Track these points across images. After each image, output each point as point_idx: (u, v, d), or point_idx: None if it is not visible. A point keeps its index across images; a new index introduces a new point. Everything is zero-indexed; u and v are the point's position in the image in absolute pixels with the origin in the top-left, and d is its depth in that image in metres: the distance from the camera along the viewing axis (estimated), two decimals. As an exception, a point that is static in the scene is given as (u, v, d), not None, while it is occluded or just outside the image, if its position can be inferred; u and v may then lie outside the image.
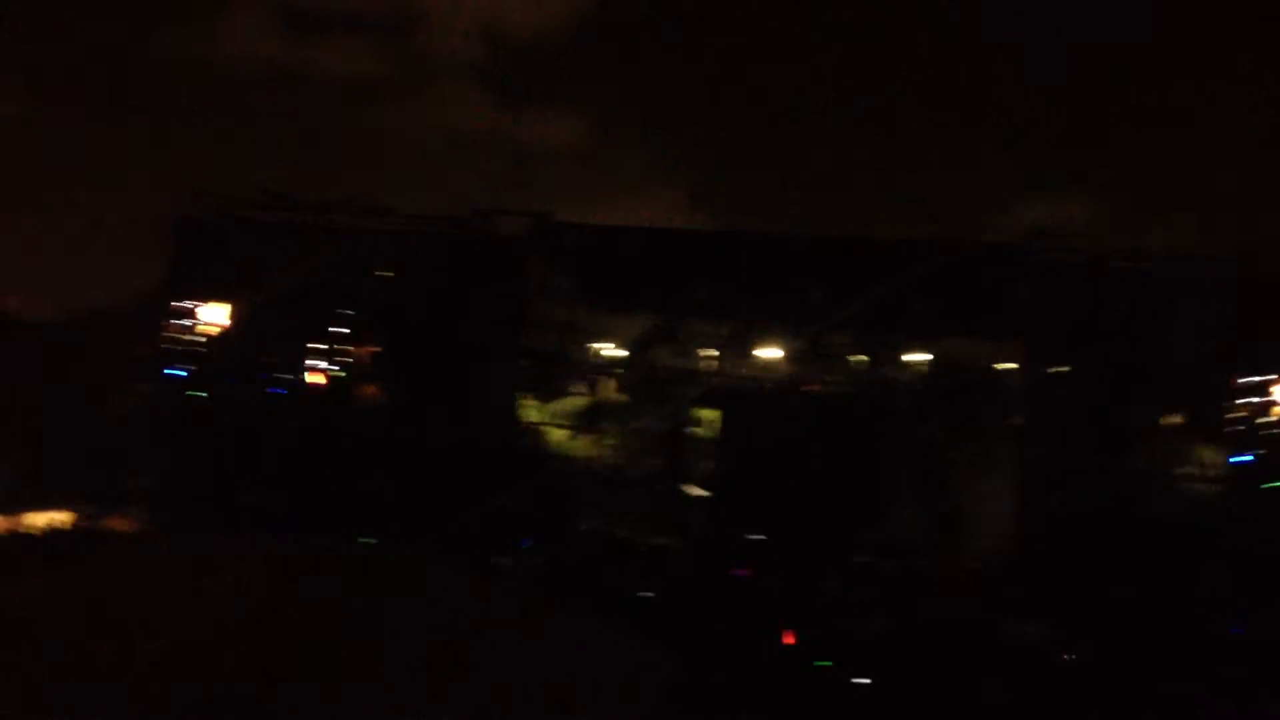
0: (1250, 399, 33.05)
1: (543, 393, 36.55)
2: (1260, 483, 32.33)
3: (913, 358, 35.29)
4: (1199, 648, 27.42)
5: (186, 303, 36.00)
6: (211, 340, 36.19)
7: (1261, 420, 32.87)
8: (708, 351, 36.41)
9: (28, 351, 40.69)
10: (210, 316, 36.03)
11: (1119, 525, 30.90)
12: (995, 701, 25.67)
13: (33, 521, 36.33)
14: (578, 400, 37.10)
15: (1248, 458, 32.73)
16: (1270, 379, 32.96)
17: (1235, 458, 32.86)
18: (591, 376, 37.45)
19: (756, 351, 35.92)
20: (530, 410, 36.33)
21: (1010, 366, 34.93)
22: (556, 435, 36.57)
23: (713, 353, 36.31)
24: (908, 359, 35.28)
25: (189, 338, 36.20)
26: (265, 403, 35.45)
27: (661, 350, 36.45)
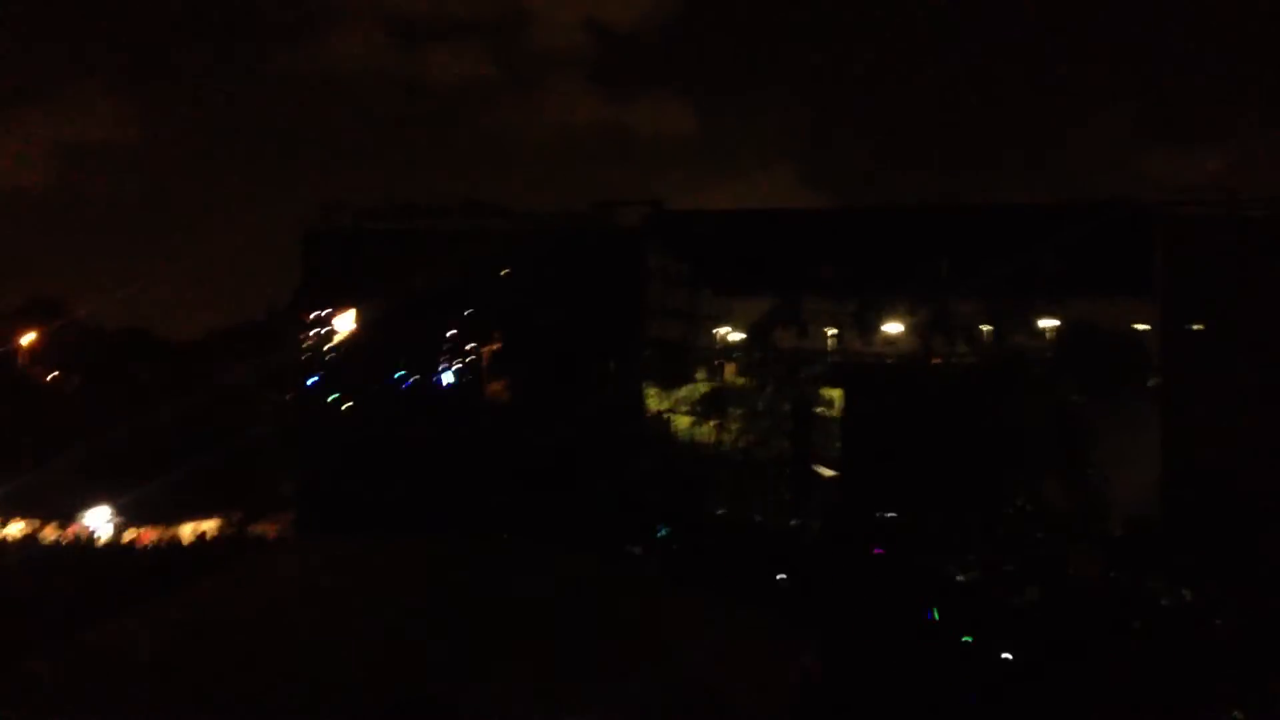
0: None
1: (668, 381, 36.68)
2: None
3: (1044, 323, 34.39)
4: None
5: (318, 313, 37.04)
6: (343, 348, 37.18)
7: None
8: (830, 330, 36.04)
9: (171, 368, 42.51)
10: (342, 325, 37.02)
11: (1266, 488, 29.75)
12: (1145, 670, 24.99)
13: (183, 531, 38.01)
14: (702, 386, 37.17)
15: None
16: None
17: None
18: (715, 362, 37.49)
19: (880, 327, 35.43)
20: (656, 399, 36.49)
21: (1146, 327, 33.83)
22: (683, 422, 36.71)
23: (835, 331, 35.93)
24: (1038, 325, 34.40)
25: (322, 347, 37.24)
26: (398, 406, 36.24)
27: (784, 331, 36.24)
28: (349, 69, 77.82)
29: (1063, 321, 34.47)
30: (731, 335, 37.77)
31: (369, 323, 36.68)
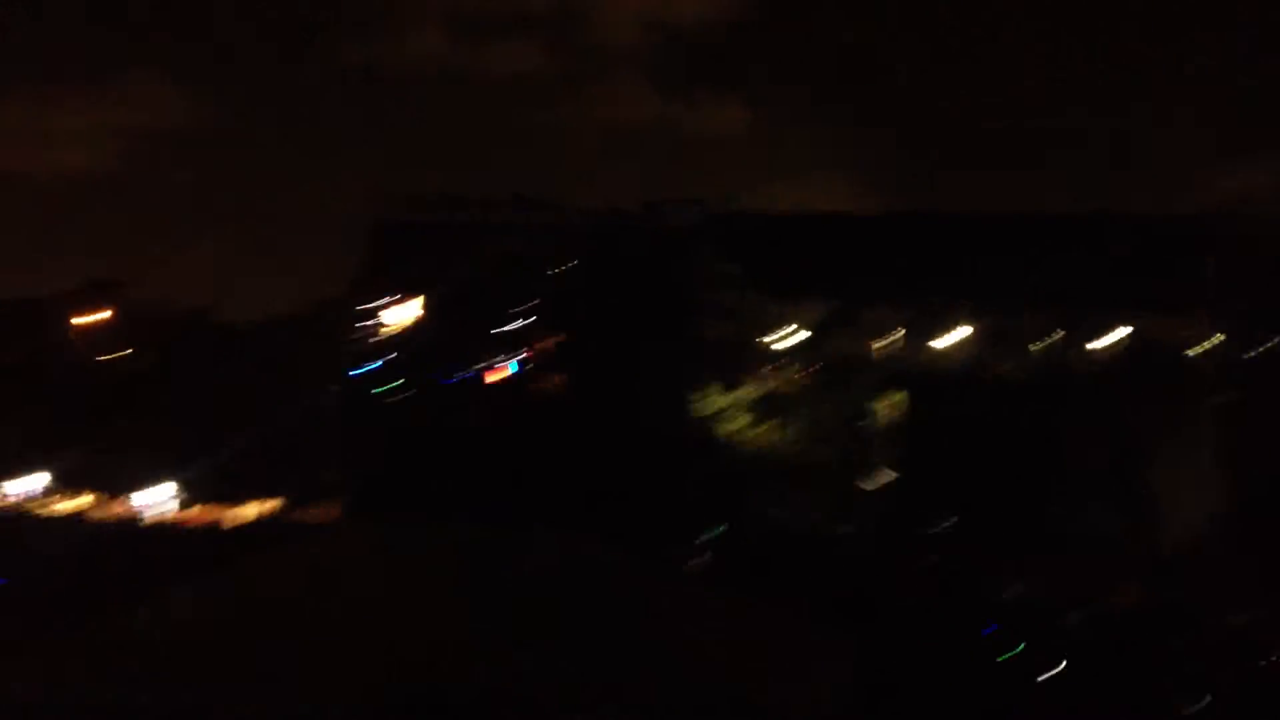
0: None
1: (722, 382, 36.56)
2: None
3: (1105, 336, 33.91)
4: None
5: (378, 301, 37.42)
6: (398, 338, 37.53)
7: None
8: (888, 336, 35.76)
9: (230, 353, 43.12)
10: (401, 314, 37.37)
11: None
12: (1197, 693, 24.72)
13: (239, 513, 38.61)
14: (757, 388, 36.99)
15: None
16: None
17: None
18: (771, 364, 37.30)
19: (939, 335, 35.10)
20: (710, 400, 36.38)
21: (1209, 343, 33.26)
22: (737, 424, 36.55)
23: (893, 337, 35.64)
24: (1100, 338, 33.92)
25: (378, 336, 37.62)
26: (451, 396, 36.52)
27: (840, 336, 36.00)
28: (409, 65, 78.38)
29: (1125, 334, 34.00)
30: (789, 339, 37.56)
31: (428, 312, 36.99)
